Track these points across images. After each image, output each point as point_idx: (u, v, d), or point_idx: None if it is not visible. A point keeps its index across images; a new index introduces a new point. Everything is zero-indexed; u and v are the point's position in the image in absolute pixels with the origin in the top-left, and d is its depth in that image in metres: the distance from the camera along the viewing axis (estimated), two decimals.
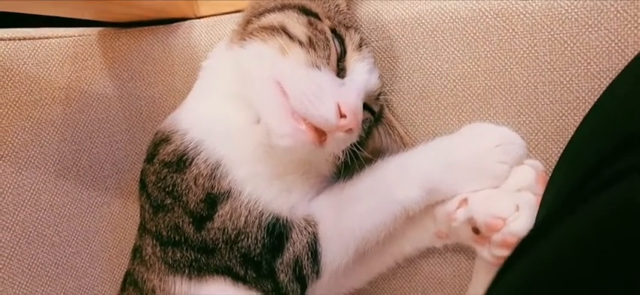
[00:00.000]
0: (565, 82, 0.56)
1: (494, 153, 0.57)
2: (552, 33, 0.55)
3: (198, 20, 0.80)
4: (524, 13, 0.56)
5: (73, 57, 0.74)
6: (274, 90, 0.51)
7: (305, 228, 0.58)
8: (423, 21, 0.61)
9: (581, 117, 0.53)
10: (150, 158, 0.63)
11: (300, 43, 0.52)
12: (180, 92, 0.76)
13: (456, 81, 0.61)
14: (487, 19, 0.58)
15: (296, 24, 0.53)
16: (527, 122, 0.58)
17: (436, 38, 0.60)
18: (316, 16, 0.54)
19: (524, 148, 0.58)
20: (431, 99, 0.62)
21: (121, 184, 0.78)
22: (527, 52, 0.56)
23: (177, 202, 0.59)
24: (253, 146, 0.58)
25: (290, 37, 0.52)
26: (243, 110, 0.58)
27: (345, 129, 0.50)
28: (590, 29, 0.53)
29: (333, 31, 0.54)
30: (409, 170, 0.58)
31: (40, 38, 0.71)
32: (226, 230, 0.57)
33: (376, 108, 0.59)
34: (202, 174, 0.57)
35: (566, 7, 0.54)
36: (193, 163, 0.58)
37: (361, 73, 0.54)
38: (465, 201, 0.57)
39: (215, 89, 0.62)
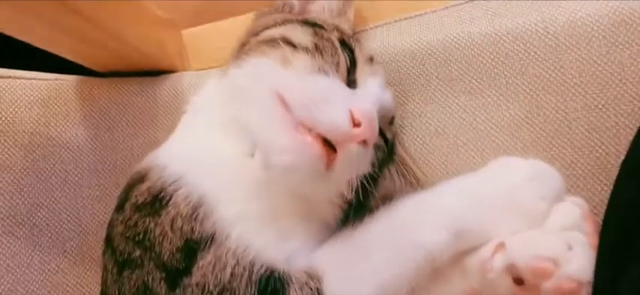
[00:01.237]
0: (600, 107, 0.50)
1: (528, 188, 0.48)
2: (580, 54, 0.50)
3: (188, 71, 0.75)
4: (545, 34, 0.51)
5: (43, 101, 0.66)
6: (274, 103, 0.44)
7: (306, 283, 0.47)
8: (434, 51, 0.56)
9: (624, 145, 0.46)
10: (120, 205, 0.52)
11: (305, 49, 0.45)
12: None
13: (476, 113, 0.54)
14: (505, 44, 0.53)
15: (300, 33, 0.47)
16: (561, 155, 0.51)
17: (450, 68, 0.55)
18: (321, 27, 0.49)
19: (562, 183, 0.49)
20: (448, 134, 0.55)
21: (83, 249, 0.65)
22: (554, 76, 0.51)
23: (148, 254, 0.47)
24: (244, 181, 0.49)
25: (293, 45, 0.46)
26: (235, 139, 0.50)
27: (360, 138, 0.41)
28: (620, 47, 0.49)
29: (342, 41, 0.48)
30: (432, 209, 0.48)
31: (8, 77, 0.64)
32: (207, 286, 0.45)
33: (389, 136, 0.51)
34: (181, 215, 0.47)
35: (590, 25, 0.50)
36: (171, 202, 0.47)
37: (374, 86, 0.47)
38: (501, 245, 0.47)
39: (203, 120, 0.54)
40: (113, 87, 0.71)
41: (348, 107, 0.41)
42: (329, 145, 0.43)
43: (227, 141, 0.51)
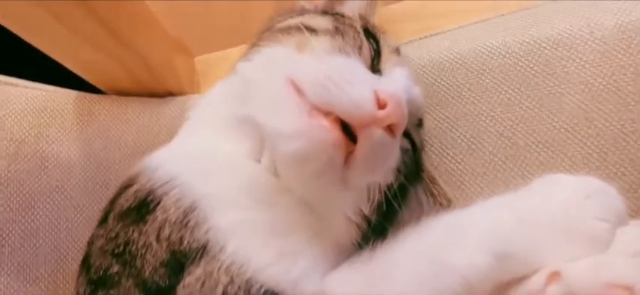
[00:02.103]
0: None
1: (586, 208, 0.40)
2: (632, 59, 0.45)
3: (196, 94, 0.70)
4: (591, 39, 0.46)
5: (37, 110, 0.61)
6: (286, 89, 0.38)
7: None
8: (466, 62, 0.51)
9: None
10: (103, 218, 0.45)
11: (325, 31, 0.40)
12: None
13: (514, 127, 0.48)
14: (545, 51, 0.48)
15: (319, 19, 0.43)
16: (618, 173, 0.44)
17: (483, 79, 0.50)
18: (343, 16, 0.44)
19: (623, 203, 0.41)
20: (483, 152, 0.49)
21: (58, 278, 0.57)
22: (604, 83, 0.45)
23: (127, 269, 0.39)
24: (247, 187, 0.42)
25: (312, 30, 0.41)
26: (239, 140, 0.44)
27: (386, 122, 0.35)
28: None
29: (366, 29, 0.43)
30: (469, 228, 0.40)
31: (4, 83, 0.60)
32: None
33: (417, 140, 0.45)
34: (170, 221, 0.39)
35: None
36: (160, 206, 0.40)
37: (402, 76, 0.41)
38: (555, 274, 0.38)
39: (205, 122, 0.48)
40: (115, 104, 0.66)
41: (372, 87, 0.35)
42: (348, 137, 0.36)
43: (230, 142, 0.44)
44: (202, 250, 0.38)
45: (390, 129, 0.35)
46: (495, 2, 0.56)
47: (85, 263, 0.44)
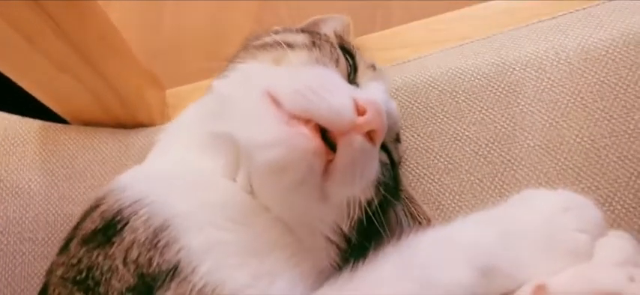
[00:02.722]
0: (629, 132, 0.44)
1: (565, 220, 0.40)
2: (597, 77, 0.46)
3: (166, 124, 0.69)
4: (557, 60, 0.48)
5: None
6: (263, 102, 0.37)
7: None
8: (438, 84, 0.52)
9: None
10: (65, 246, 0.42)
11: (302, 45, 0.40)
12: None
13: (489, 146, 0.48)
14: (515, 72, 0.49)
15: (296, 35, 0.43)
16: (593, 187, 0.44)
17: (457, 99, 0.50)
18: (318, 33, 0.45)
19: (601, 215, 0.42)
20: (460, 171, 0.48)
21: None
22: (572, 101, 0.46)
23: None
24: (221, 206, 0.40)
25: (289, 45, 0.41)
26: (214, 158, 0.42)
27: (366, 128, 0.34)
28: (638, 69, 0.45)
29: (342, 46, 0.43)
30: (453, 244, 0.39)
31: None
32: None
33: (395, 156, 0.44)
34: (138, 242, 0.36)
35: (603, 49, 0.47)
36: (127, 227, 0.37)
37: (379, 90, 0.41)
38: (541, 287, 0.38)
39: (177, 141, 0.47)
40: (81, 134, 0.64)
41: (350, 95, 0.35)
42: (327, 145, 0.35)
43: (204, 160, 0.43)
44: (173, 271, 0.35)
45: (369, 136, 0.35)
46: (463, 33, 0.58)
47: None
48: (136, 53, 0.67)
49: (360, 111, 0.34)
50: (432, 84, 0.52)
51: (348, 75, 0.42)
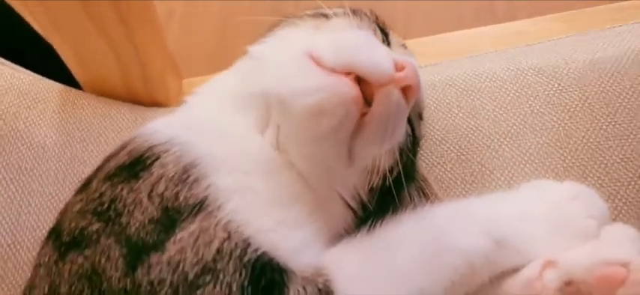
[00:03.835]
0: (632, 136, 0.48)
1: (574, 206, 0.42)
2: (604, 87, 0.50)
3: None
4: (567, 69, 0.52)
5: (21, 91, 0.59)
6: (303, 60, 0.39)
7: (313, 281, 0.36)
8: (455, 83, 0.55)
9: None
10: (85, 184, 0.42)
11: (341, 13, 0.43)
12: None
13: (501, 140, 0.51)
14: (528, 77, 0.53)
15: (334, 8, 0.45)
16: (599, 185, 0.47)
17: (472, 98, 0.54)
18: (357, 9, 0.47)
19: (606, 206, 0.44)
20: (472, 162, 0.51)
21: (7, 266, 0.51)
22: (580, 105, 0.50)
23: (109, 227, 0.36)
24: (250, 156, 0.41)
25: (326, 16, 0.44)
26: (247, 114, 0.43)
27: (403, 82, 0.36)
28: None
29: (376, 23, 0.46)
30: (470, 215, 0.41)
31: None
32: (182, 265, 0.34)
33: (418, 133, 0.46)
34: (167, 177, 0.37)
35: (611, 63, 0.51)
36: (157, 163, 0.38)
37: (412, 59, 0.43)
38: (550, 263, 0.39)
39: (209, 97, 0.48)
40: (100, 103, 0.65)
41: (389, 53, 0.37)
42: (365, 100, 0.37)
43: (237, 115, 0.44)
44: (199, 206, 0.36)
45: (405, 93, 0.37)
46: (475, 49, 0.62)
47: (54, 232, 0.40)
48: None
49: (398, 68, 0.36)
50: (449, 83, 0.55)
51: None
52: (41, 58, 0.65)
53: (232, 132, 0.43)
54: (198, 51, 1.08)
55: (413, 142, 0.46)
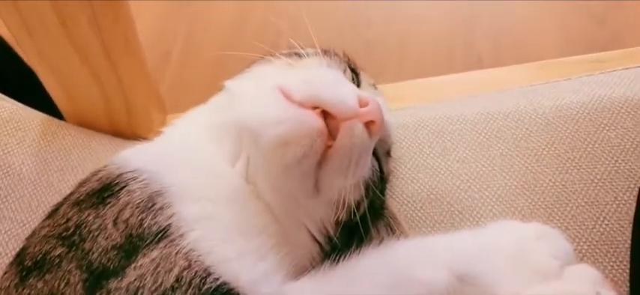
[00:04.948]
0: (596, 181, 0.49)
1: (537, 245, 0.43)
2: (569, 132, 0.52)
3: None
4: (535, 114, 0.54)
5: (3, 119, 0.60)
6: (274, 93, 0.40)
7: None
8: (427, 124, 0.56)
9: (627, 221, 0.44)
10: (53, 211, 0.43)
11: (314, 54, 0.45)
12: None
13: (470, 181, 0.52)
14: (497, 121, 0.54)
15: (307, 49, 0.47)
16: (564, 228, 0.47)
17: (443, 139, 0.55)
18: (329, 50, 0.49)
19: (571, 247, 0.44)
20: (441, 201, 0.51)
21: None
22: (546, 151, 0.51)
23: (72, 251, 0.37)
24: (218, 186, 0.42)
25: (299, 55, 0.46)
26: (218, 143, 0.44)
27: (367, 118, 0.38)
28: (606, 128, 0.51)
29: (347, 63, 0.48)
30: (433, 249, 0.41)
31: None
32: (141, 291, 0.34)
33: (385, 169, 0.47)
34: (132, 204, 0.38)
35: (576, 109, 0.53)
36: (124, 190, 0.39)
37: (379, 98, 0.45)
38: None
39: (182, 128, 0.49)
40: (81, 133, 0.66)
41: (355, 91, 0.39)
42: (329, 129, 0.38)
43: (209, 146, 0.45)
44: (162, 233, 0.36)
45: (368, 128, 0.38)
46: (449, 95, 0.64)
47: (18, 256, 0.40)
48: None
49: (362, 104, 0.38)
50: (421, 125, 0.57)
51: None
52: (28, 92, 0.66)
53: (203, 162, 0.44)
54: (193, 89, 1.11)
55: (381, 178, 0.46)
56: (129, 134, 0.70)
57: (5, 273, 0.40)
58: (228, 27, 1.36)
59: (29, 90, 0.66)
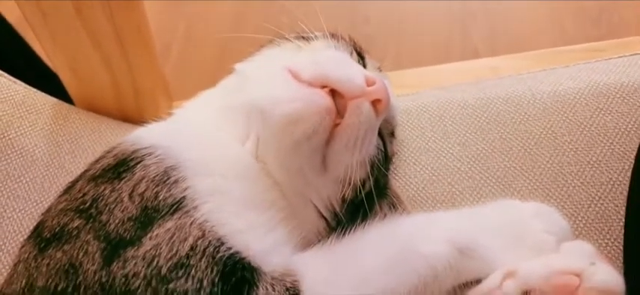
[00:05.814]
0: (592, 163, 0.50)
1: (534, 223, 0.45)
2: (566, 116, 0.53)
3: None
4: (533, 99, 0.55)
5: (16, 102, 0.61)
6: (283, 74, 0.42)
7: (281, 281, 0.38)
8: (429, 108, 0.58)
9: (621, 201, 0.46)
10: (69, 187, 0.44)
11: (321, 36, 0.47)
12: None
13: (471, 162, 0.53)
14: (497, 105, 0.56)
15: (317, 32, 0.49)
16: (560, 207, 0.49)
17: (444, 123, 0.57)
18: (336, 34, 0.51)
19: (567, 224, 0.46)
20: (443, 182, 0.53)
21: None
22: (545, 133, 0.53)
23: (90, 223, 0.38)
24: (229, 161, 0.44)
25: (307, 38, 0.47)
26: (230, 125, 0.46)
27: (373, 96, 0.39)
28: (602, 113, 0.53)
29: (354, 47, 0.49)
30: (435, 224, 0.43)
31: None
32: (157, 260, 0.35)
33: (389, 150, 0.49)
34: (148, 178, 0.39)
35: (573, 94, 0.54)
36: (139, 165, 0.41)
37: (384, 79, 0.47)
38: (511, 273, 0.41)
39: (195, 109, 0.51)
40: (90, 118, 0.67)
41: (362, 71, 0.41)
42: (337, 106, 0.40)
43: (220, 126, 0.47)
44: (177, 205, 0.38)
45: (375, 107, 0.40)
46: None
47: (35, 230, 0.42)
48: None
49: (369, 83, 0.40)
50: (423, 109, 0.58)
51: None
52: (39, 80, 0.68)
53: (214, 141, 0.45)
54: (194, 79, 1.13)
55: (385, 158, 0.48)
56: (136, 118, 0.72)
57: (23, 247, 0.42)
58: (228, 25, 1.38)
59: (41, 82, 0.68)
